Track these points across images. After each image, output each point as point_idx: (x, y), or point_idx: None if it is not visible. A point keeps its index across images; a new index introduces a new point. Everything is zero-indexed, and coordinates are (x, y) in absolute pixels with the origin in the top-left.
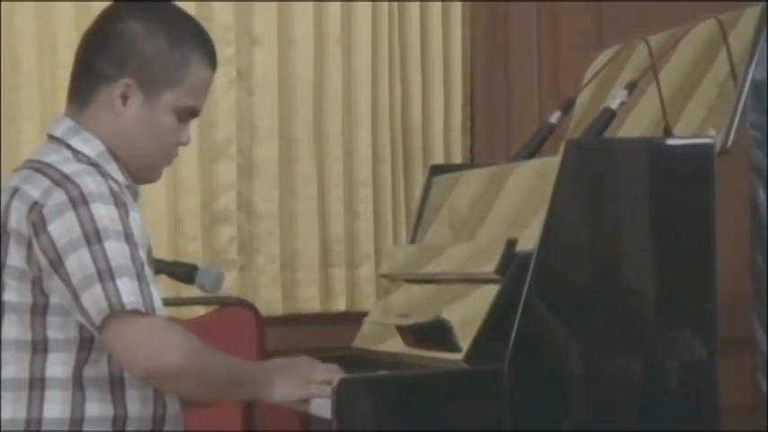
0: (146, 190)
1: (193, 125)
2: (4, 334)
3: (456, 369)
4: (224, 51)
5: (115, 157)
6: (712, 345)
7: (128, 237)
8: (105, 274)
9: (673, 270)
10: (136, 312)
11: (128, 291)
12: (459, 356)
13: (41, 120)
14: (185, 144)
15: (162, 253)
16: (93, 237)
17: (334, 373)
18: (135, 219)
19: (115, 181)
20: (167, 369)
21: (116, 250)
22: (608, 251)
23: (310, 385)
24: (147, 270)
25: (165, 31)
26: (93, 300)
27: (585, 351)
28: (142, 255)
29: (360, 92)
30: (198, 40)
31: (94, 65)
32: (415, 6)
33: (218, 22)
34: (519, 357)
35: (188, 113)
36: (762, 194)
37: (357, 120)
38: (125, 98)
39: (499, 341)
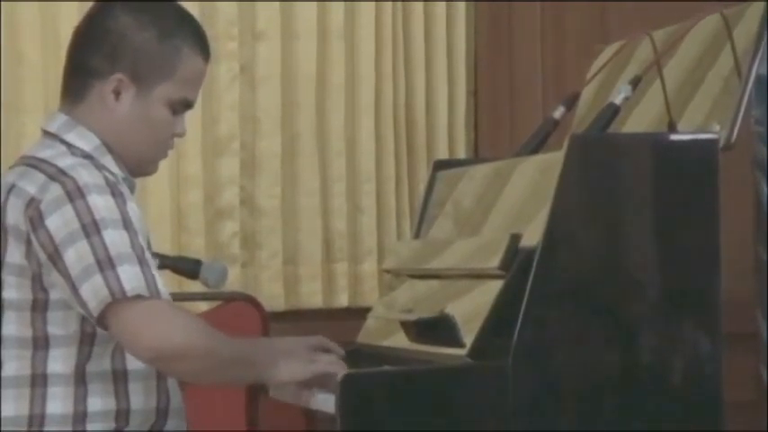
0: (148, 184)
1: (196, 120)
2: (5, 331)
3: (460, 364)
4: (227, 46)
5: (111, 150)
6: (716, 340)
7: (126, 224)
8: (105, 264)
9: (676, 265)
10: (138, 297)
11: (129, 277)
12: (462, 352)
13: (44, 113)
14: (181, 135)
15: (165, 248)
16: (91, 228)
17: (337, 354)
18: (133, 208)
19: (111, 173)
20: (174, 349)
21: (115, 239)
22: (612, 246)
23: (314, 364)
24: (149, 255)
25: (155, 23)
26: (94, 290)
27: (589, 347)
28: (142, 242)
29: (363, 86)
30: (189, 31)
31: (86, 61)
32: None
33: (222, 16)
34: (523, 352)
35: (182, 105)
36: (765, 189)
37: (360, 114)
38: (117, 93)
39: (503, 336)
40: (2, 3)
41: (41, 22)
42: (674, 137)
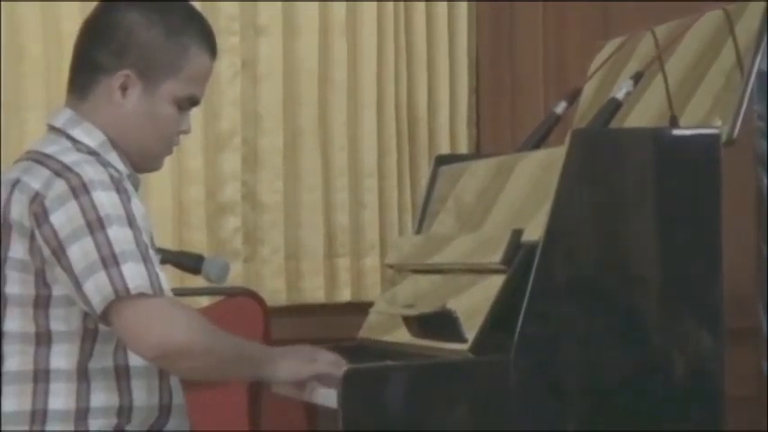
0: (151, 180)
1: (198, 115)
2: (7, 327)
3: (462, 359)
4: (228, 41)
5: (116, 146)
6: (718, 335)
7: (131, 221)
8: (109, 261)
9: (678, 260)
10: (142, 295)
11: (133, 275)
12: (464, 347)
13: (46, 110)
14: (186, 132)
15: (167, 243)
16: (95, 224)
17: (339, 360)
18: (137, 204)
19: (116, 170)
20: (177, 347)
21: (119, 236)
22: (613, 241)
23: (315, 364)
24: (152, 253)
25: (163, 20)
26: (98, 287)
27: (591, 342)
28: (146, 239)
29: (365, 82)
30: (196, 29)
31: (93, 56)
32: None
33: (223, 11)
34: (524, 348)
35: (188, 102)
36: (767, 185)
37: (362, 110)
38: (124, 89)
39: (505, 331)
40: (3, 0)
41: (42, 19)
42: (675, 132)
